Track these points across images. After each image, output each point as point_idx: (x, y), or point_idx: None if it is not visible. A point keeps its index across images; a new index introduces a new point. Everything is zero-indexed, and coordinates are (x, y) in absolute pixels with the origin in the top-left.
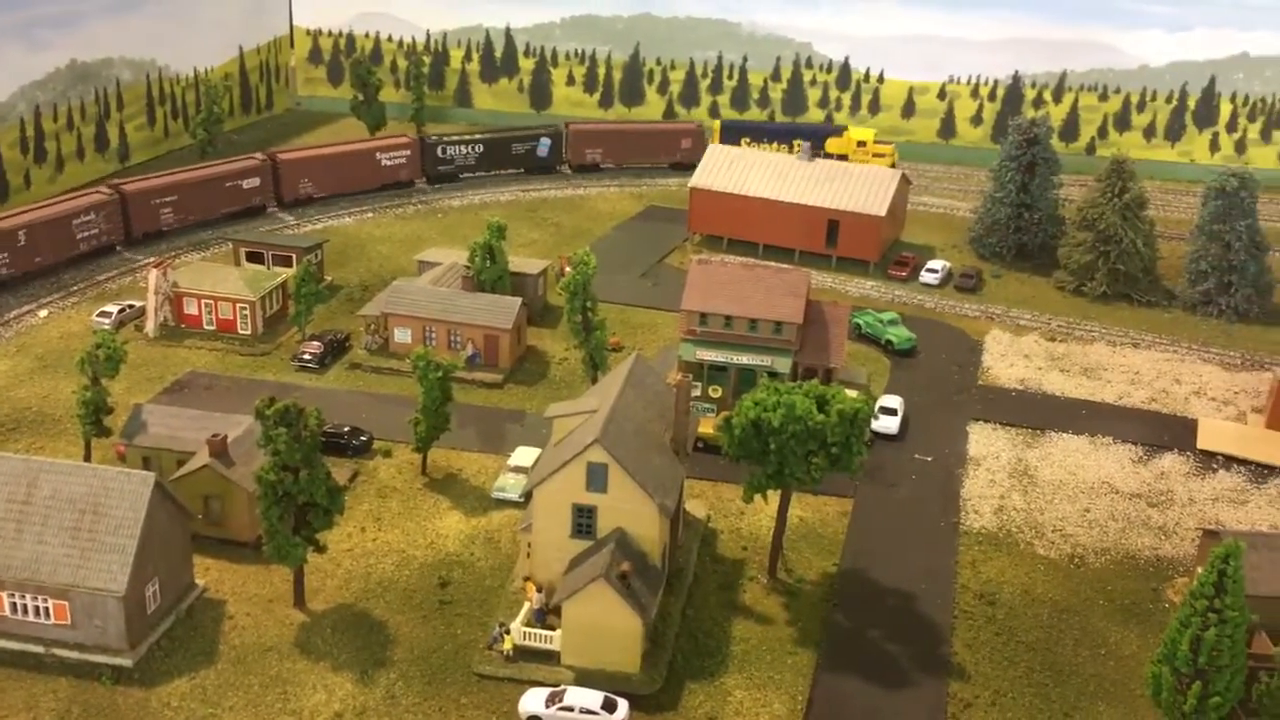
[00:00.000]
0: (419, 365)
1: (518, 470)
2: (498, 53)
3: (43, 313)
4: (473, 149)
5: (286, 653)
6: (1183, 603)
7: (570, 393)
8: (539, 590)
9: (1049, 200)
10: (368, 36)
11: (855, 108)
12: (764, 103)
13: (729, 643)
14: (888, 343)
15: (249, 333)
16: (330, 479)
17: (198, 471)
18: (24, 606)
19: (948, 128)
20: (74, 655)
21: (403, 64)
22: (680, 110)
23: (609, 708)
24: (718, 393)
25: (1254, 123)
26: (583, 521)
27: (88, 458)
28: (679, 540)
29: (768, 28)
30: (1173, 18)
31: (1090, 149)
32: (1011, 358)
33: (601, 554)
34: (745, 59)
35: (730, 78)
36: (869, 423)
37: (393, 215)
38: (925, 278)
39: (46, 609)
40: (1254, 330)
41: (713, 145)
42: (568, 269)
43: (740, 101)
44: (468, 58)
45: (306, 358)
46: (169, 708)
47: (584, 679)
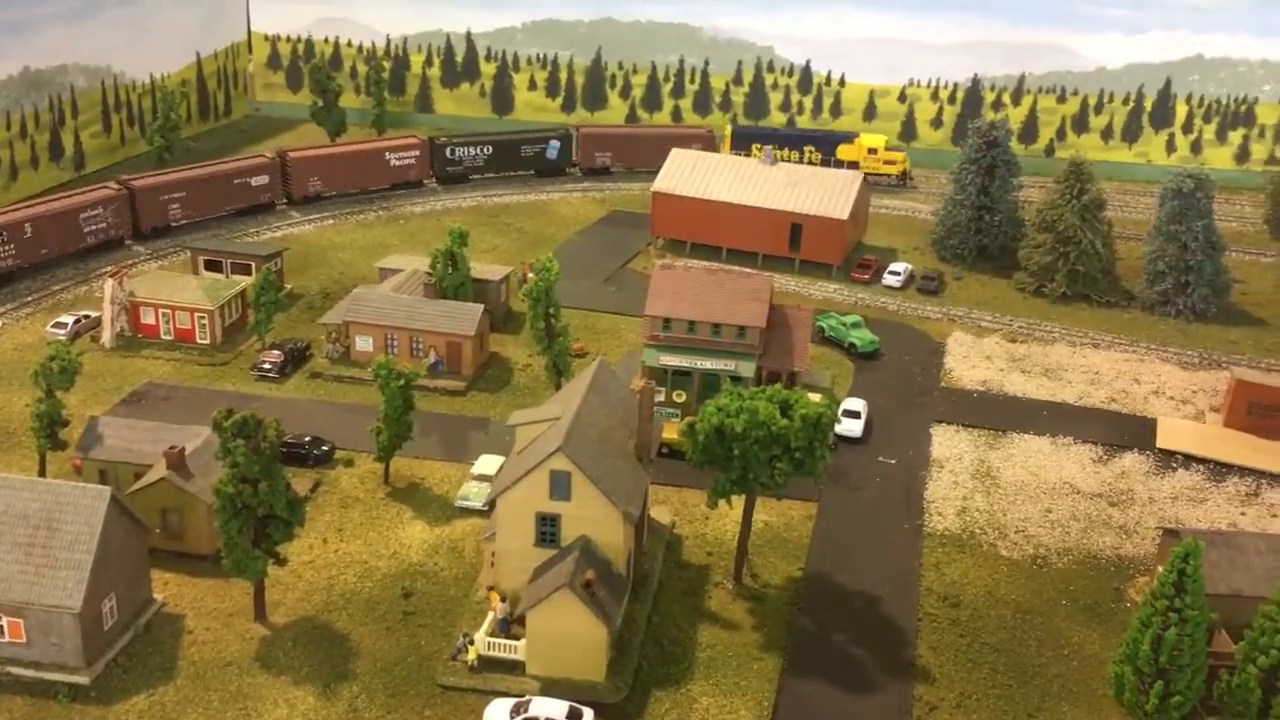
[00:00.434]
0: (380, 374)
1: (481, 478)
2: (459, 57)
3: None
4: (482, 150)
5: (247, 667)
6: (1143, 602)
7: (534, 399)
8: (503, 600)
9: (1009, 202)
10: (327, 42)
11: (817, 111)
12: (726, 106)
13: (695, 649)
14: (851, 346)
15: (208, 342)
16: (290, 490)
17: (155, 484)
18: None
19: (908, 130)
20: (29, 674)
21: (363, 69)
22: (643, 114)
23: (574, 717)
24: (682, 398)
25: (1209, 124)
26: (546, 530)
27: (42, 472)
28: (644, 547)
29: (729, 32)
30: (1128, 21)
31: (1049, 151)
32: (973, 359)
33: (565, 562)
34: (707, 63)
35: (692, 82)
36: (832, 427)
37: (354, 222)
38: (888, 280)
39: (1, 627)
40: (1211, 329)
41: (675, 150)
42: (530, 275)
43: (702, 105)
44: (428, 63)
45: (266, 367)
46: None
47: (549, 688)
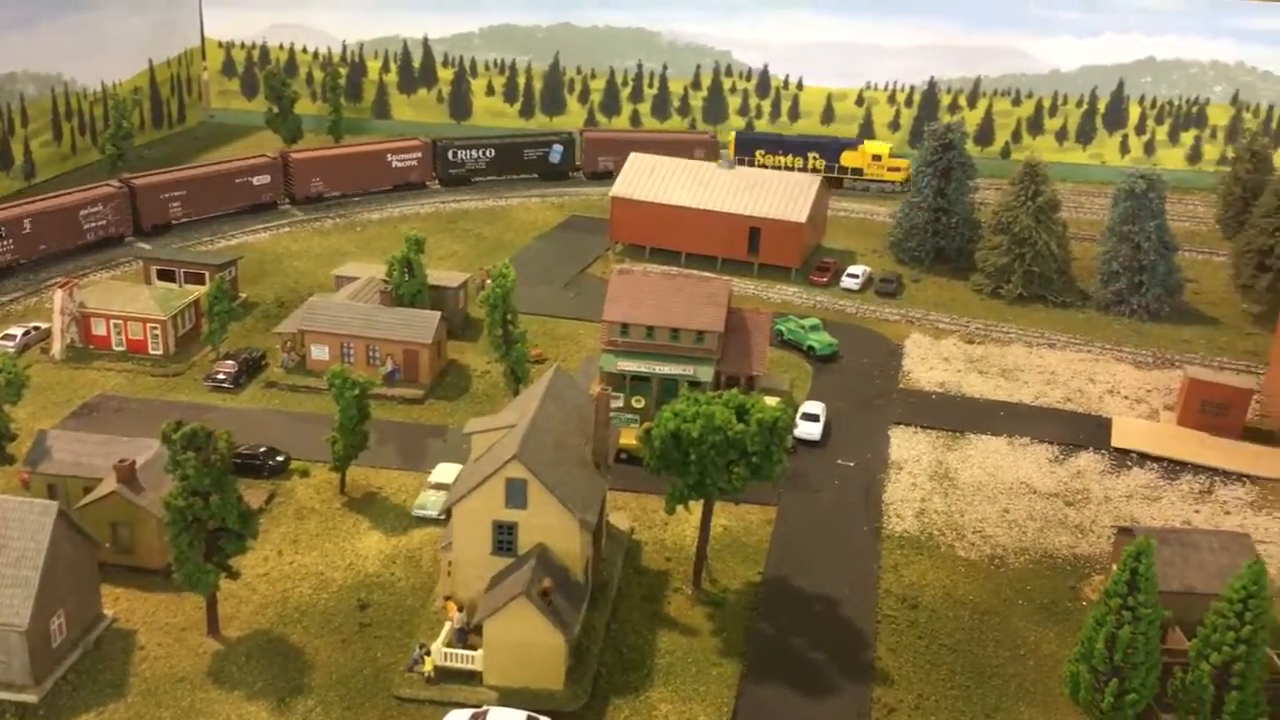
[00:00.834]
0: (334, 383)
1: (439, 487)
2: (416, 63)
3: None
4: (484, 153)
5: (199, 683)
6: (1098, 601)
7: (492, 406)
8: (460, 609)
9: (965, 204)
10: (282, 48)
11: (775, 114)
12: (684, 111)
13: (654, 656)
14: (809, 349)
15: (160, 353)
16: (242, 503)
17: (105, 498)
18: None
19: (866, 133)
20: None
21: (319, 75)
22: (601, 119)
23: None
24: (640, 403)
25: (1161, 125)
26: (503, 538)
27: None
28: (602, 553)
29: (686, 37)
30: (1082, 24)
31: (1005, 153)
32: (931, 361)
33: (522, 571)
34: (665, 67)
35: (651, 86)
36: (789, 431)
37: (310, 229)
38: (846, 283)
39: None
40: (1165, 328)
41: (633, 154)
42: (488, 282)
43: (661, 110)
44: (385, 69)
45: (221, 377)
46: None
47: (507, 698)
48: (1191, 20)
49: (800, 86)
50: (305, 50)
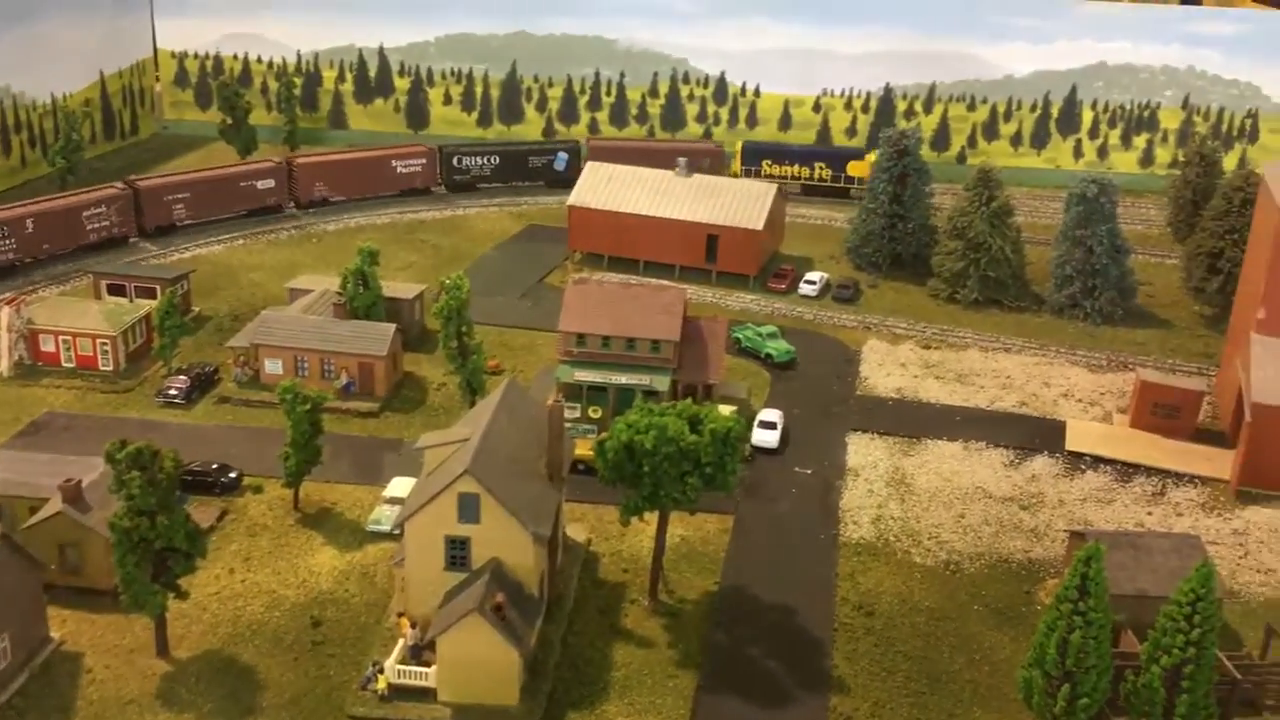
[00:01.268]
0: (285, 398)
1: (393, 501)
2: (372, 72)
3: None
4: (489, 160)
5: (148, 705)
6: (1049, 606)
7: (449, 418)
8: (413, 626)
9: (921, 210)
10: (236, 58)
11: (733, 122)
12: (643, 118)
13: (610, 669)
14: (767, 356)
15: (111, 369)
16: (190, 522)
17: (51, 519)
18: None
19: (824, 139)
20: None
21: (274, 85)
22: (561, 128)
23: None
24: (598, 413)
25: (1114, 129)
26: (456, 553)
27: None
28: (558, 566)
29: (643, 44)
30: (1034, 30)
31: (961, 158)
32: (888, 367)
33: (475, 586)
34: (623, 75)
35: (608, 94)
36: (742, 441)
37: (265, 241)
38: (804, 289)
39: None
40: (1118, 331)
41: (590, 163)
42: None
43: (619, 117)
44: (341, 78)
45: (172, 393)
46: None
47: (461, 715)
48: (1142, 26)
49: (758, 93)
50: (260, 60)
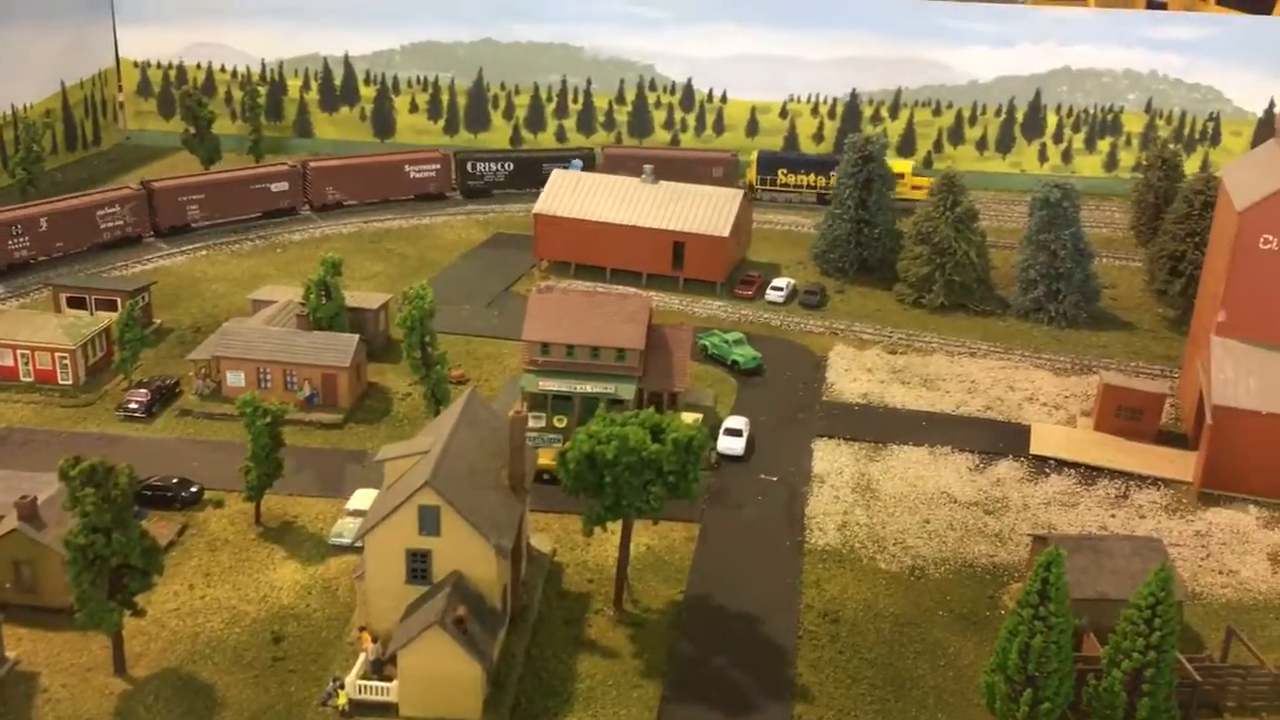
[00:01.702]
0: (245, 411)
1: (356, 514)
2: (337, 81)
3: None
4: (504, 166)
5: None
6: (1010, 612)
7: (414, 429)
8: (375, 640)
9: (887, 215)
10: (200, 68)
11: (700, 128)
12: (610, 125)
13: (574, 680)
14: (734, 363)
15: (70, 383)
16: (146, 538)
17: (5, 536)
18: None
19: (791, 145)
20: None
21: (238, 94)
22: (527, 135)
23: None
24: (563, 423)
25: (1078, 133)
26: (417, 566)
27: None
28: (522, 577)
29: (610, 51)
30: (998, 35)
31: (927, 163)
32: (855, 372)
33: (436, 599)
34: (589, 82)
35: (575, 101)
36: (704, 450)
37: (228, 252)
38: (771, 295)
39: None
40: (1082, 334)
41: (556, 171)
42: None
43: (586, 125)
44: (306, 87)
45: (133, 407)
46: None
47: None
48: (1105, 30)
49: (724, 99)
50: (224, 69)
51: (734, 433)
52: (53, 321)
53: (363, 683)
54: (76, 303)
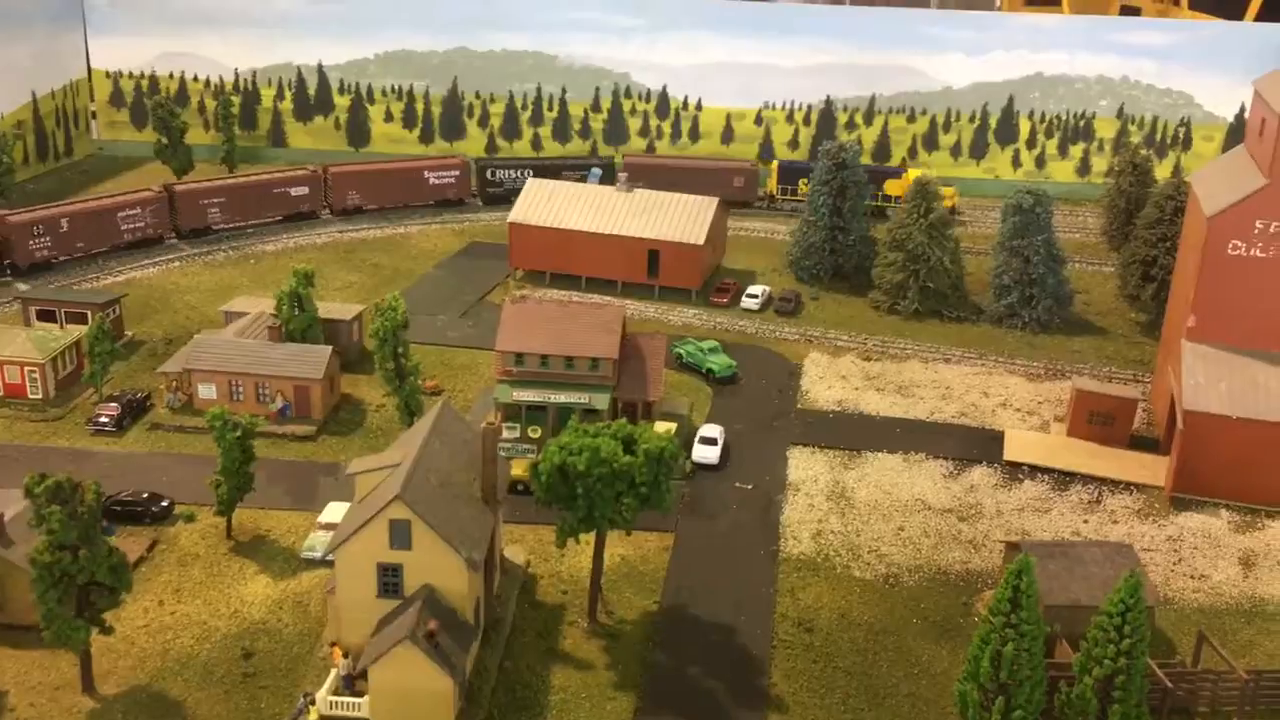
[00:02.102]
0: (215, 425)
1: (329, 527)
2: (311, 90)
3: None
4: (523, 174)
5: None
6: (982, 620)
7: (388, 440)
8: (346, 655)
9: (861, 222)
10: (172, 77)
11: (676, 136)
12: (585, 133)
13: (548, 693)
14: (709, 371)
15: (40, 397)
16: (114, 555)
17: None
18: None
19: (767, 152)
20: None
21: (211, 104)
22: (503, 144)
23: None
24: (537, 433)
25: (1051, 139)
26: (389, 580)
27: None
28: (495, 590)
29: (584, 59)
30: (971, 42)
31: (901, 168)
32: (830, 379)
33: (408, 614)
34: (564, 90)
35: (551, 109)
36: (676, 460)
37: (201, 263)
38: (746, 303)
39: None
40: (1056, 340)
41: (531, 179)
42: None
43: (561, 133)
44: (280, 96)
45: (103, 420)
46: None
47: None
48: (1076, 37)
49: (699, 107)
50: (197, 79)
51: (709, 441)
52: (21, 335)
53: (334, 698)
54: (46, 315)
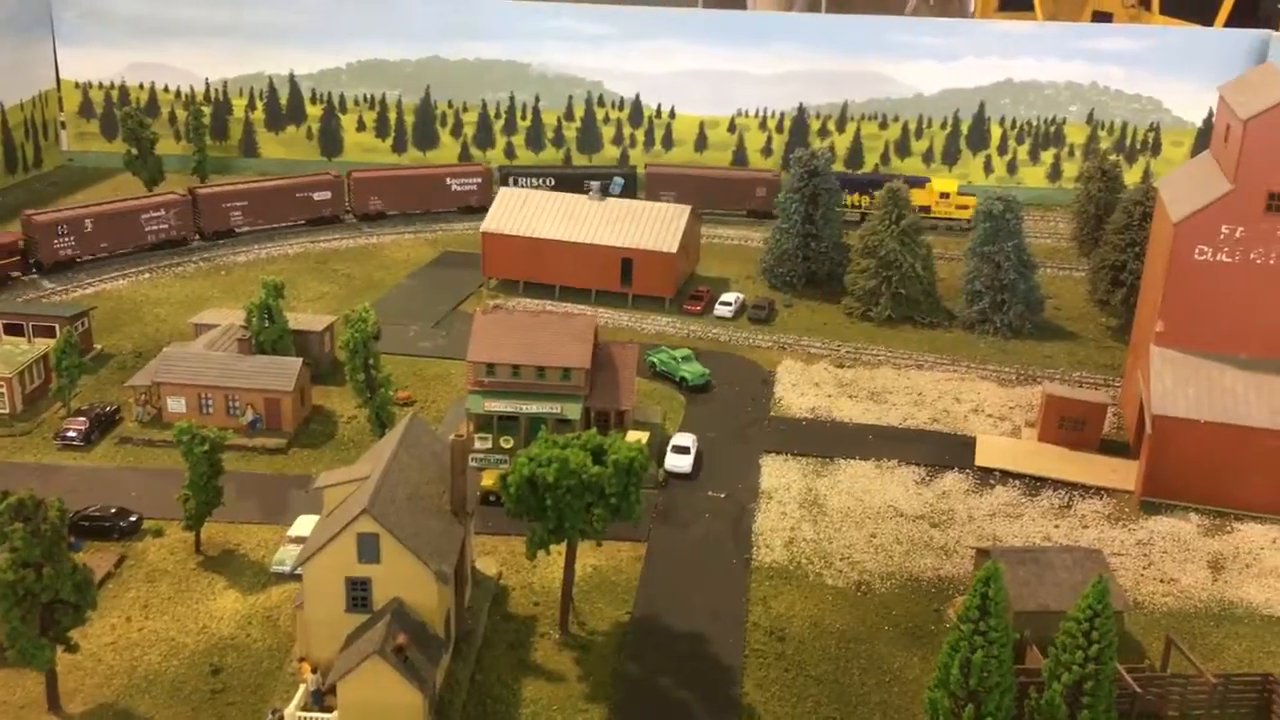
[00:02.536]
0: (182, 439)
1: (299, 540)
2: (283, 100)
3: None
4: (544, 182)
5: None
6: (951, 627)
7: (360, 452)
8: (315, 670)
9: (834, 229)
10: (142, 88)
11: (649, 144)
12: (559, 141)
13: (519, 706)
14: (682, 380)
15: (7, 412)
16: (78, 572)
17: None
18: None
19: (740, 159)
20: None
21: (182, 115)
22: (476, 152)
23: None
24: (509, 443)
25: (1022, 144)
26: (357, 595)
27: None
28: (466, 602)
29: (557, 68)
30: (942, 48)
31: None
32: (803, 387)
33: (376, 628)
34: (538, 99)
35: (524, 118)
36: (646, 471)
37: (172, 275)
38: (719, 310)
39: None
40: (1027, 345)
41: (503, 189)
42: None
43: (535, 141)
44: (251, 106)
45: (71, 435)
46: None
47: None
48: (1046, 43)
49: (673, 115)
50: (167, 89)
51: (682, 450)
52: None
53: (302, 714)
54: (13, 329)
